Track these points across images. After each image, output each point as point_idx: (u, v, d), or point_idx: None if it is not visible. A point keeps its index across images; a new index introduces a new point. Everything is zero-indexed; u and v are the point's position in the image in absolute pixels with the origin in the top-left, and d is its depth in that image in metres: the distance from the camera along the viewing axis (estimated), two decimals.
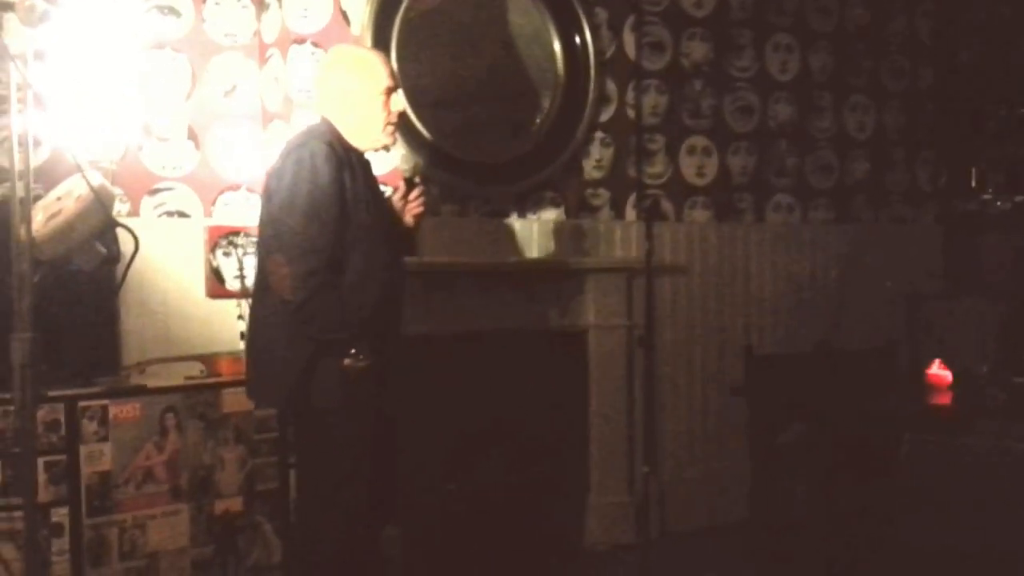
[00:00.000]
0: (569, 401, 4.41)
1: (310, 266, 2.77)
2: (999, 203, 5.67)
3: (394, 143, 3.08)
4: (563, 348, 4.38)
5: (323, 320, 2.80)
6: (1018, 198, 5.64)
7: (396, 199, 3.14)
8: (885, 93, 5.54)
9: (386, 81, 2.97)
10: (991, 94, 5.74)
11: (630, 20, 4.65)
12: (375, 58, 3.04)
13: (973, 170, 5.69)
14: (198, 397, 3.40)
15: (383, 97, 2.97)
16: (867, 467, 3.73)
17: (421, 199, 3.10)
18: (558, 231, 4.47)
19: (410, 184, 3.11)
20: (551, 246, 4.44)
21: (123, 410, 3.24)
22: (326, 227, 2.80)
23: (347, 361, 2.80)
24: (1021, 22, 5.72)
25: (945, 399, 4.04)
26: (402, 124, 3.04)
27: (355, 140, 2.99)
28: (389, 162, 3.78)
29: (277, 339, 2.88)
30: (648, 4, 4.78)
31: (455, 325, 4.05)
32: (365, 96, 2.96)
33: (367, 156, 3.08)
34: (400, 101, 3.00)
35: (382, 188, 3.22)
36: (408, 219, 3.12)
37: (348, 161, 2.91)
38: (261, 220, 2.98)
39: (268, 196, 2.93)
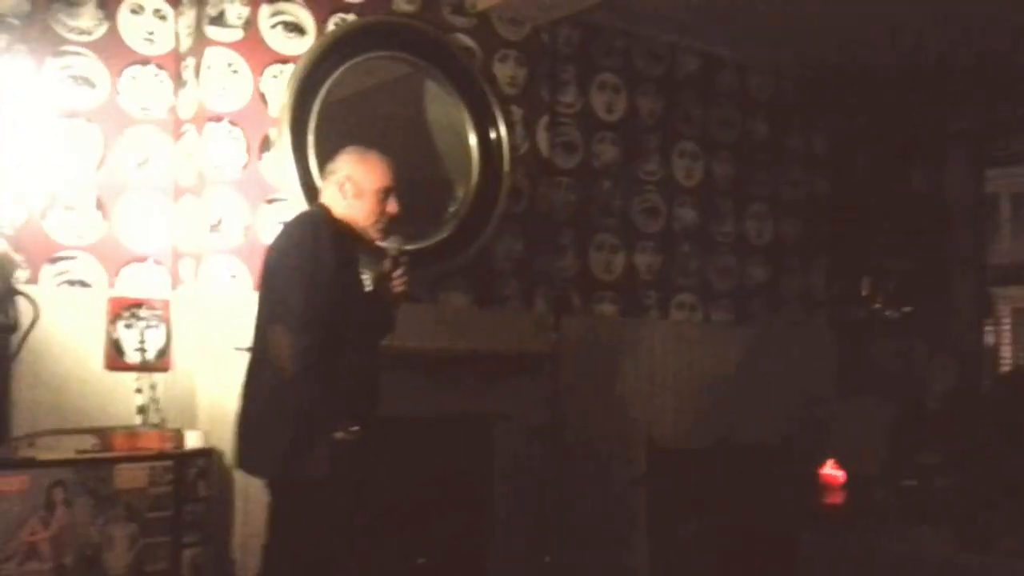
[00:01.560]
0: (472, 488, 4.37)
1: (310, 340, 2.86)
2: (887, 313, 5.92)
3: (382, 240, 3.17)
4: (468, 435, 4.36)
5: (316, 393, 2.87)
6: (906, 309, 5.91)
7: (377, 276, 3.21)
8: (783, 201, 5.79)
9: (385, 181, 3.10)
10: (881, 208, 6.05)
11: (544, 120, 4.79)
12: (381, 159, 3.16)
13: (864, 279, 5.95)
14: (89, 472, 3.28)
15: (380, 195, 3.09)
16: (763, 562, 3.78)
17: (405, 278, 3.17)
18: (467, 318, 4.49)
19: (395, 262, 3.18)
20: (459, 333, 4.46)
21: (9, 482, 3.11)
22: (324, 305, 2.89)
23: (339, 434, 2.87)
24: (910, 141, 6.07)
25: (837, 498, 4.13)
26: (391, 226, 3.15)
27: (353, 225, 3.11)
28: None
29: (270, 410, 2.94)
30: (562, 106, 4.95)
31: None
32: (364, 189, 3.08)
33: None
34: (394, 204, 3.11)
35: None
36: (390, 297, 3.19)
37: (344, 245, 3.04)
38: (260, 295, 3.07)
39: (270, 272, 3.04)
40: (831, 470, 4.27)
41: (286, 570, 3.00)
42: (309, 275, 2.91)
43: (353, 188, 3.08)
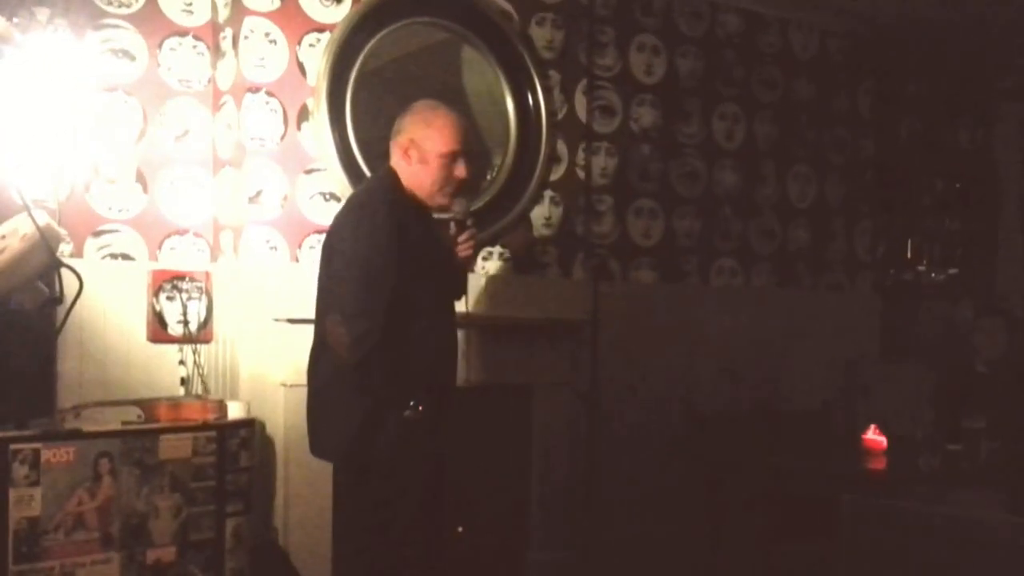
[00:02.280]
0: (511, 456, 4.40)
1: (366, 325, 2.80)
2: (933, 275, 5.83)
3: (450, 206, 3.05)
4: (507, 404, 4.38)
5: (379, 376, 2.83)
6: (951, 271, 5.82)
7: (447, 239, 3.12)
8: (826, 164, 5.70)
9: (452, 144, 2.96)
10: (927, 169, 5.93)
11: (582, 84, 4.75)
12: (448, 119, 3.01)
13: (909, 242, 5.86)
14: (134, 443, 3.33)
15: (445, 160, 2.96)
16: (806, 528, 3.77)
17: (471, 242, 3.10)
18: (506, 286, 4.50)
19: (461, 225, 3.10)
20: (499, 301, 4.47)
21: (56, 454, 3.16)
22: (383, 289, 2.82)
23: (407, 413, 2.84)
24: (957, 100, 5.95)
25: (880, 464, 4.10)
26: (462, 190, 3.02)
27: (419, 193, 3.01)
28: None
29: (336, 395, 2.92)
30: (600, 69, 4.89)
31: None
32: (428, 154, 2.96)
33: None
34: (462, 168, 2.98)
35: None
36: (458, 260, 3.13)
37: (408, 217, 2.93)
38: (320, 278, 3.01)
39: (328, 254, 2.98)
40: (874, 435, 4.23)
41: (361, 553, 3.01)
42: (365, 260, 2.83)
43: (417, 153, 2.96)
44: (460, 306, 3.80)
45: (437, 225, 3.14)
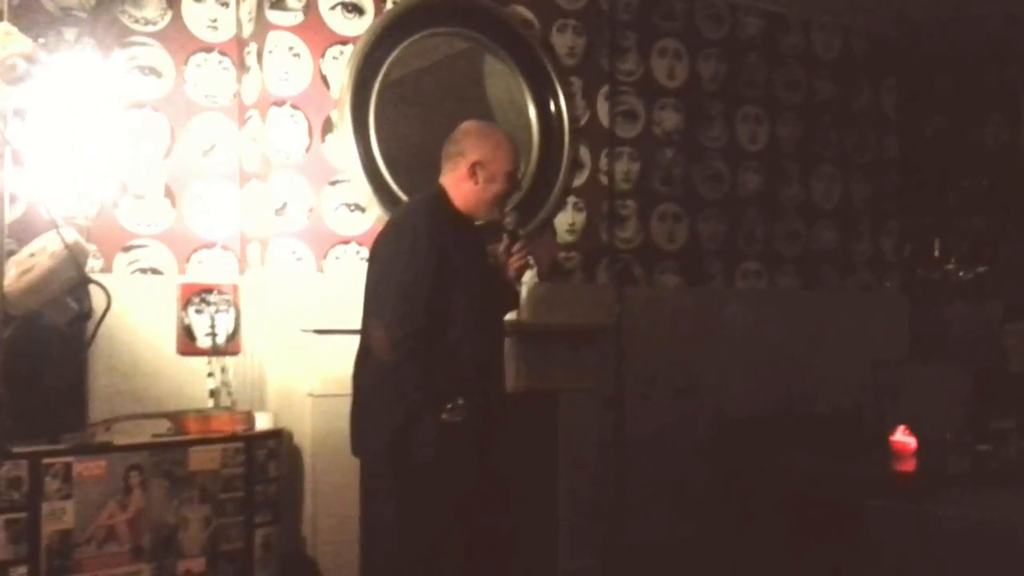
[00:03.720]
0: (538, 462, 4.41)
1: (404, 331, 2.91)
2: (961, 273, 5.78)
3: (503, 218, 3.20)
4: (533, 409, 4.39)
5: (416, 380, 2.92)
6: (980, 269, 5.76)
7: (499, 251, 3.23)
8: (851, 164, 5.67)
9: (513, 163, 3.14)
10: (954, 167, 5.88)
11: (604, 89, 4.75)
12: (508, 139, 3.19)
13: (936, 240, 5.81)
14: (164, 455, 3.38)
15: (510, 176, 3.12)
16: (833, 532, 3.76)
17: (523, 254, 3.19)
18: (530, 293, 4.51)
19: (513, 236, 3.20)
20: (523, 307, 4.48)
21: (87, 467, 3.22)
22: (420, 297, 2.93)
23: (444, 416, 2.91)
24: (983, 97, 5.88)
25: (909, 466, 4.08)
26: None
27: (462, 205, 3.13)
28: None
29: (377, 397, 3.01)
30: (622, 74, 4.89)
31: None
32: (495, 173, 3.10)
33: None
34: (517, 181, 3.18)
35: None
36: (510, 272, 3.22)
37: (451, 231, 3.05)
38: (366, 284, 3.13)
39: (372, 261, 3.13)
40: (902, 436, 4.21)
41: (398, 555, 3.04)
42: (404, 267, 2.95)
43: (485, 173, 3.10)
44: None
45: (485, 239, 3.26)
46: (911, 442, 4.18)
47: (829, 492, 3.93)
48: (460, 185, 3.12)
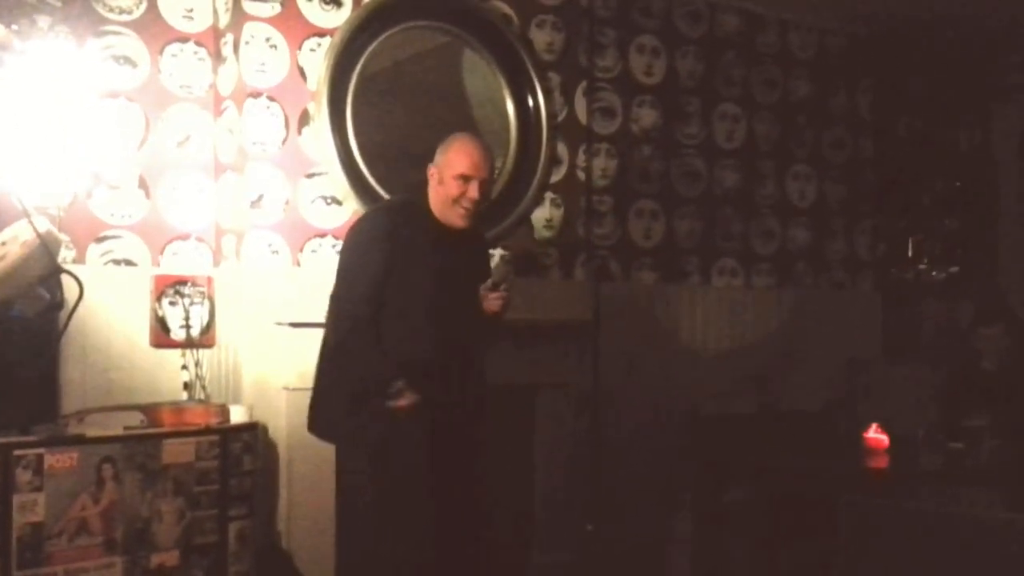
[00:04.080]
0: (514, 456, 4.40)
1: (346, 317, 3.14)
2: (934, 273, 5.84)
3: (465, 225, 3.25)
4: (509, 404, 4.38)
5: (355, 362, 3.11)
6: (952, 269, 5.82)
7: (481, 290, 3.30)
8: (826, 163, 5.70)
9: (462, 168, 3.18)
10: (927, 168, 5.94)
11: (582, 85, 4.75)
12: (464, 145, 3.26)
13: (910, 240, 5.87)
14: (137, 448, 3.34)
15: (457, 181, 3.18)
16: (807, 528, 3.77)
17: (500, 300, 3.28)
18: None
19: (495, 287, 3.28)
20: None
21: (59, 459, 3.17)
22: (359, 290, 3.12)
23: (389, 402, 3.02)
24: (956, 99, 5.95)
25: (882, 463, 4.10)
26: (476, 211, 3.25)
27: (438, 213, 3.25)
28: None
29: (327, 381, 3.20)
30: (600, 71, 4.90)
31: None
32: (444, 176, 3.21)
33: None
34: (474, 189, 3.19)
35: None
36: (486, 309, 3.30)
37: (410, 227, 3.19)
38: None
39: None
40: (875, 434, 4.23)
41: (363, 536, 3.18)
42: (345, 264, 3.18)
43: (438, 175, 3.23)
44: None
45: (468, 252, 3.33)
46: (884, 439, 4.20)
47: (803, 488, 3.95)
48: (429, 191, 3.26)
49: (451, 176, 3.19)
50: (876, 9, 5.32)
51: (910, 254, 5.86)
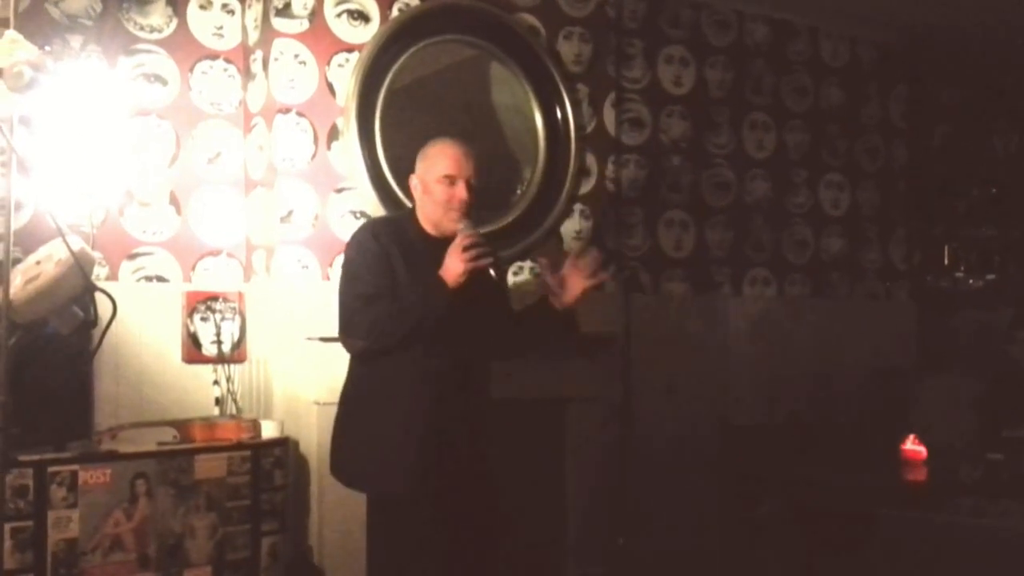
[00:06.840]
0: (546, 470, 4.39)
1: (358, 342, 2.97)
2: (971, 281, 5.76)
3: (461, 229, 3.00)
4: (541, 418, 4.37)
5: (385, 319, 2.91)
6: (989, 276, 5.74)
7: (568, 265, 3.22)
8: (859, 172, 5.65)
9: (444, 169, 3.01)
10: (962, 175, 5.87)
11: (611, 97, 4.74)
12: (444, 148, 3.07)
13: (946, 248, 5.80)
14: (170, 463, 3.37)
15: (442, 184, 3.00)
16: (842, 543, 3.72)
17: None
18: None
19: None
20: None
21: (93, 476, 3.21)
22: (368, 277, 2.94)
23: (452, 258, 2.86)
24: (991, 105, 5.88)
25: (920, 475, 4.04)
26: (469, 212, 3.03)
27: (430, 226, 3.06)
28: None
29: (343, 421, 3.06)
30: (628, 82, 4.88)
31: None
32: (427, 183, 3.04)
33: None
34: (461, 190, 3.01)
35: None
36: (569, 299, 3.22)
37: (400, 249, 2.98)
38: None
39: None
40: (912, 446, 4.17)
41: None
42: (343, 279, 3.00)
43: (420, 185, 3.06)
44: None
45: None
46: (922, 451, 4.14)
47: (839, 501, 3.90)
48: (416, 207, 3.10)
49: (435, 180, 3.00)
50: (908, 17, 5.26)
51: (946, 262, 5.79)
